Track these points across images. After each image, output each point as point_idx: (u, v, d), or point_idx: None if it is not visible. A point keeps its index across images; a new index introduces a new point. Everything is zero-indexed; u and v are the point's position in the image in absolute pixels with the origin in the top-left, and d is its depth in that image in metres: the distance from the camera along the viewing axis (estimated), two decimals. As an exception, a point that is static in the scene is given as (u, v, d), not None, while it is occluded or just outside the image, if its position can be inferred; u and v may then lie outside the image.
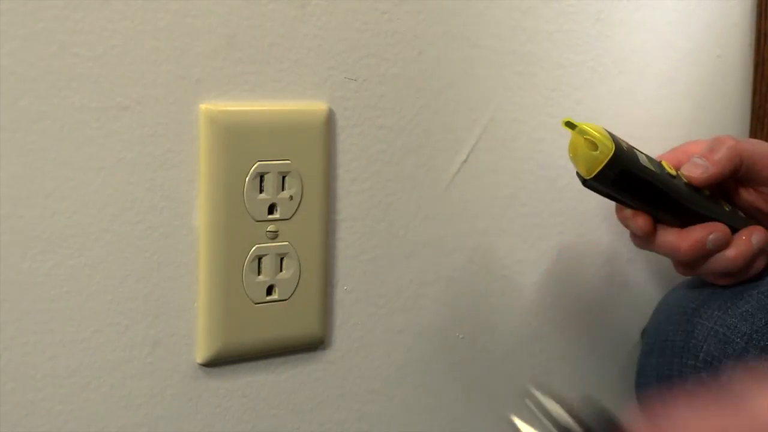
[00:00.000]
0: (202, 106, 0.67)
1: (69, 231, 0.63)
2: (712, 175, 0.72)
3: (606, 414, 0.54)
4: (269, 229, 0.70)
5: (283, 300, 0.71)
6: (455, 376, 0.82)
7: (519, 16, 0.81)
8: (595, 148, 0.67)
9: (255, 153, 0.69)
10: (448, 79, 0.78)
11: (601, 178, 0.68)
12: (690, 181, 0.72)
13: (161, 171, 0.66)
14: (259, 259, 0.70)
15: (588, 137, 0.67)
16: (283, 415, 0.73)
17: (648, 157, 0.71)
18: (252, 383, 0.72)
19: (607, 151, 0.67)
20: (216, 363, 0.69)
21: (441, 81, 0.78)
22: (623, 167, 0.68)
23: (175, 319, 0.68)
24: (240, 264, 0.69)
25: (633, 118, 0.90)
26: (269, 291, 0.71)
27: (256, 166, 0.69)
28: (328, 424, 0.76)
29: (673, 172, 0.72)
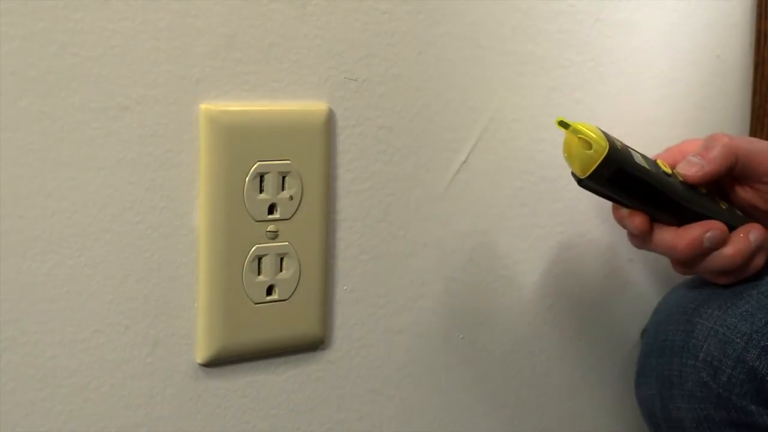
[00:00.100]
0: (202, 106, 0.67)
1: (69, 231, 0.63)
2: (708, 173, 0.72)
3: None
4: (269, 229, 0.70)
5: (283, 300, 0.71)
6: (455, 376, 0.82)
7: (519, 16, 0.81)
8: (589, 147, 0.67)
9: (255, 153, 0.69)
10: (448, 79, 0.78)
11: (596, 177, 0.68)
12: (686, 180, 0.72)
13: (161, 171, 0.66)
14: (259, 259, 0.70)
15: (582, 136, 0.67)
16: (283, 415, 0.73)
17: (643, 155, 0.71)
18: (252, 383, 0.72)
19: (601, 150, 0.67)
20: (216, 363, 0.69)
21: (441, 81, 0.78)
22: (618, 166, 0.67)
23: (175, 319, 0.68)
24: (240, 264, 0.69)
25: (633, 118, 0.89)
26: (269, 291, 0.71)
27: (256, 166, 0.69)
28: (328, 424, 0.76)
29: (668, 170, 0.71)
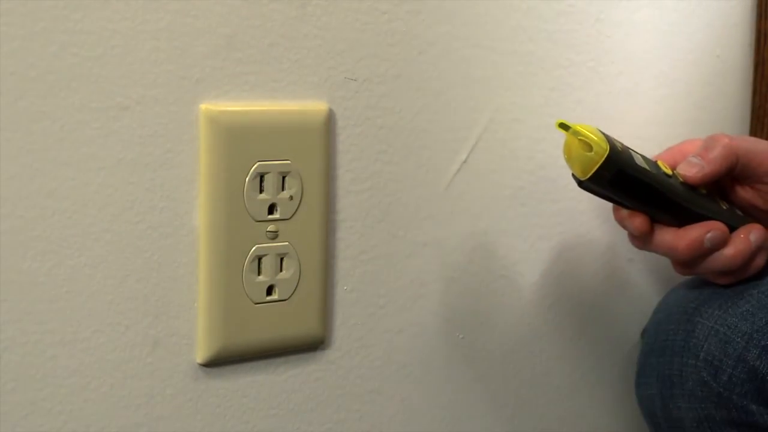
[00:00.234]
0: (202, 106, 0.67)
1: (69, 231, 0.63)
2: (708, 174, 0.72)
3: None
4: (269, 229, 0.70)
5: (283, 300, 0.71)
6: (455, 376, 0.82)
7: (519, 16, 0.81)
8: (590, 149, 0.67)
9: (255, 153, 0.69)
10: (448, 79, 0.78)
11: (597, 179, 0.68)
12: (686, 180, 0.72)
13: (161, 171, 0.66)
14: (259, 259, 0.70)
15: (582, 138, 0.67)
16: (283, 415, 0.73)
17: (643, 157, 0.71)
18: (252, 383, 0.72)
19: (601, 152, 0.66)
20: (216, 363, 0.69)
21: (441, 81, 0.78)
22: (618, 167, 0.67)
23: (175, 319, 0.68)
24: (240, 264, 0.69)
25: (633, 118, 0.89)
26: (269, 291, 0.71)
27: (256, 166, 0.69)
28: (328, 424, 0.76)
29: (669, 171, 0.71)
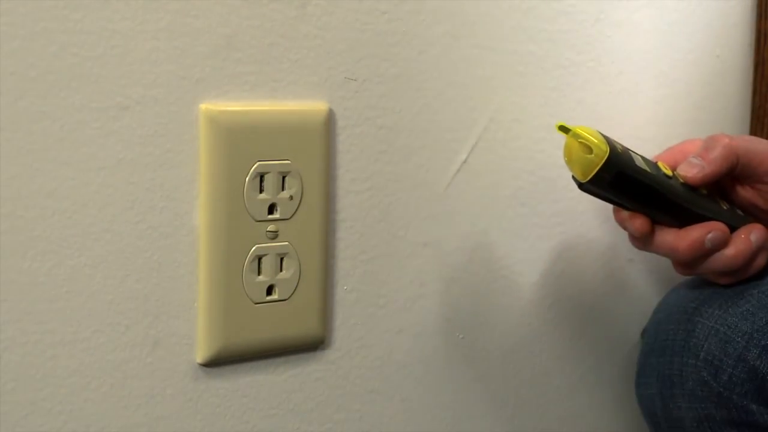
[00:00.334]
0: (202, 106, 0.67)
1: (69, 231, 0.63)
2: (708, 174, 0.72)
3: None
4: (269, 229, 0.70)
5: (283, 300, 0.71)
6: (455, 376, 0.82)
7: (519, 16, 0.81)
8: (590, 151, 0.66)
9: (255, 153, 0.69)
10: (448, 79, 0.78)
11: (597, 181, 0.68)
12: (686, 181, 0.72)
13: (161, 171, 0.66)
14: (259, 259, 0.70)
15: (582, 141, 0.66)
16: (283, 415, 0.73)
17: (643, 158, 0.71)
18: (252, 383, 0.72)
19: (601, 154, 0.66)
20: (216, 363, 0.69)
21: (441, 81, 0.78)
22: (618, 169, 0.67)
23: (175, 319, 0.68)
24: (240, 264, 0.69)
25: (633, 118, 0.90)
26: (269, 291, 0.71)
27: (256, 166, 0.69)
28: (328, 424, 0.76)
29: (669, 172, 0.71)
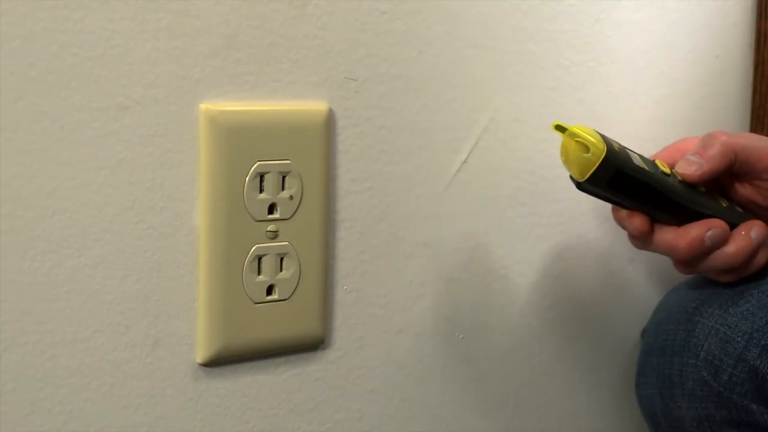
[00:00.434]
0: (202, 106, 0.67)
1: (69, 231, 0.63)
2: (707, 172, 0.72)
3: None
4: (269, 229, 0.70)
5: (283, 300, 0.71)
6: (455, 376, 0.82)
7: (519, 16, 0.81)
8: (587, 150, 0.66)
9: (255, 153, 0.69)
10: (448, 79, 0.78)
11: (595, 180, 0.67)
12: (685, 179, 0.72)
13: (161, 171, 0.66)
14: (259, 259, 0.70)
15: (579, 140, 0.66)
16: (283, 415, 0.73)
17: (641, 156, 0.70)
18: (252, 383, 0.72)
19: (598, 153, 0.66)
20: (216, 363, 0.69)
21: (441, 81, 0.78)
22: (616, 168, 0.67)
23: (175, 319, 0.68)
24: (240, 264, 0.69)
25: (633, 118, 0.90)
26: (269, 291, 0.71)
27: (256, 166, 0.69)
28: (328, 424, 0.76)
29: (667, 170, 0.71)
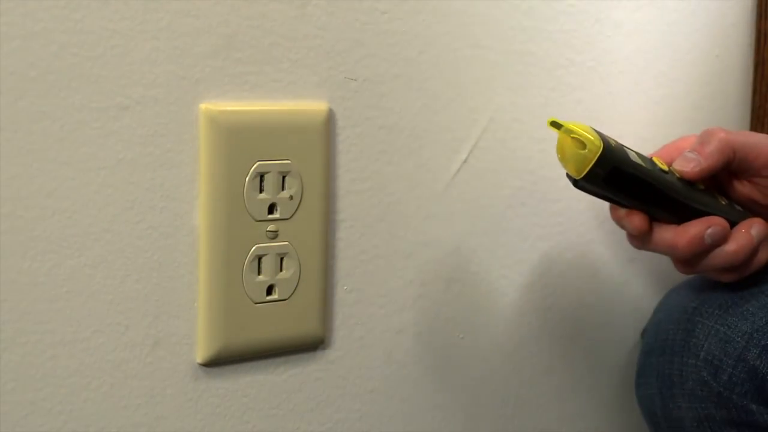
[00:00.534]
0: (202, 106, 0.67)
1: (69, 231, 0.63)
2: (705, 169, 0.71)
3: None
4: (269, 228, 0.70)
5: (283, 300, 0.71)
6: (455, 376, 0.82)
7: (519, 16, 0.81)
8: (583, 146, 0.65)
9: (255, 153, 0.69)
10: (448, 79, 0.78)
11: (592, 177, 0.66)
12: (683, 176, 0.70)
13: (161, 171, 0.66)
14: (259, 258, 0.70)
15: (575, 136, 0.65)
16: (283, 415, 0.73)
17: (638, 153, 0.69)
18: (252, 383, 0.72)
19: (595, 149, 0.65)
20: (216, 363, 0.69)
21: (441, 81, 0.78)
22: (613, 164, 0.66)
23: (175, 319, 0.68)
24: (240, 264, 0.69)
25: (633, 118, 0.90)
26: (269, 291, 0.71)
27: (256, 166, 0.69)
28: (328, 424, 0.76)
29: (665, 167, 0.70)
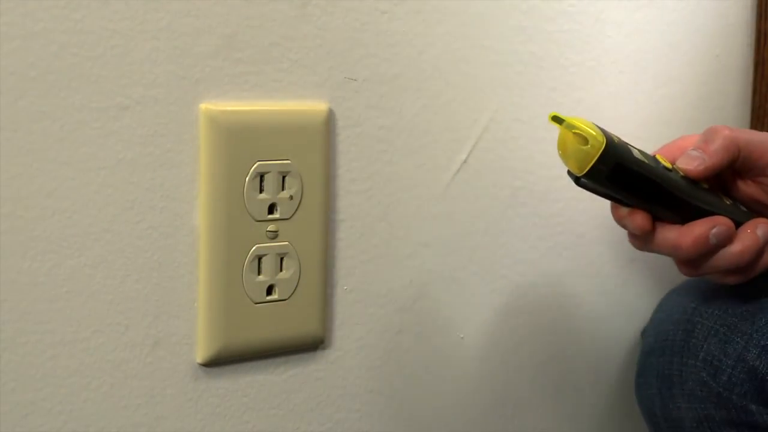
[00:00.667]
0: (202, 106, 0.67)
1: (69, 231, 0.63)
2: (710, 167, 0.68)
3: None
4: (269, 228, 0.70)
5: (283, 300, 0.71)
6: (455, 376, 0.82)
7: (519, 16, 0.81)
8: (585, 142, 0.63)
9: (255, 153, 0.69)
10: (448, 79, 0.78)
11: (595, 173, 0.64)
12: (687, 174, 0.68)
13: (161, 171, 0.66)
14: (259, 259, 0.70)
15: (577, 131, 0.63)
16: (283, 415, 0.73)
17: (641, 151, 0.67)
18: (252, 383, 0.72)
19: (598, 145, 0.63)
20: (216, 363, 0.69)
21: (441, 81, 0.78)
22: (617, 161, 0.64)
23: (175, 319, 0.68)
24: (240, 264, 0.69)
25: (633, 118, 0.90)
26: (269, 291, 0.71)
27: (256, 166, 0.69)
28: (328, 424, 0.76)
29: (668, 165, 0.68)
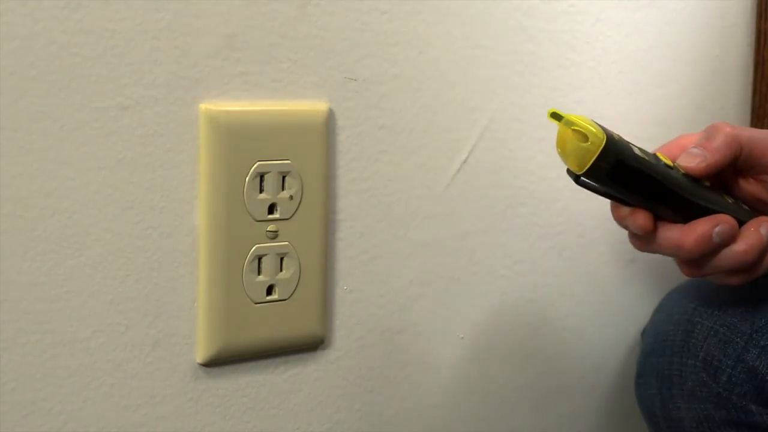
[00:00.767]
0: (202, 106, 0.67)
1: (69, 231, 0.63)
2: (712, 164, 0.67)
3: None
4: (269, 228, 0.70)
5: (283, 300, 0.71)
6: (455, 376, 0.82)
7: (519, 16, 0.81)
8: (585, 139, 0.62)
9: (255, 153, 0.69)
10: (448, 79, 0.78)
11: (595, 171, 0.63)
12: (688, 172, 0.67)
13: (161, 171, 0.66)
14: (259, 259, 0.70)
15: (576, 128, 0.62)
16: (283, 415, 0.73)
17: (641, 149, 0.66)
18: (252, 383, 0.72)
19: (598, 142, 0.62)
20: (216, 363, 0.69)
21: (441, 81, 0.78)
22: (617, 158, 0.63)
23: (175, 319, 0.68)
24: (240, 264, 0.69)
25: (633, 118, 0.90)
26: (269, 291, 0.71)
27: (256, 166, 0.69)
28: (328, 424, 0.76)
29: (670, 163, 0.67)
